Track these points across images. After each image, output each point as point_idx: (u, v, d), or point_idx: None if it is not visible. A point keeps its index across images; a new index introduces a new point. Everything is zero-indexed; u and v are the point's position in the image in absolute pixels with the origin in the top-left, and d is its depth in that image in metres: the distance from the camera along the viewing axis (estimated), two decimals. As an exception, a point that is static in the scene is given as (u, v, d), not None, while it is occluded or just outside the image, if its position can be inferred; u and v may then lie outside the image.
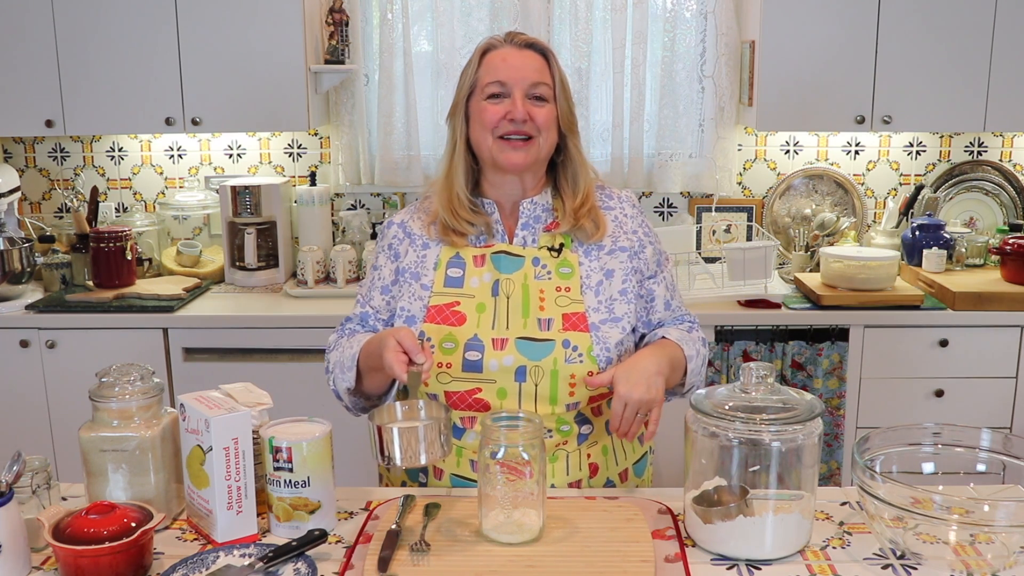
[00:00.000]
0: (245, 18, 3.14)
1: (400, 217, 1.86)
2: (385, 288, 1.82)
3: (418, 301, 1.75)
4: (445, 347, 1.70)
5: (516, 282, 1.73)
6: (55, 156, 3.61)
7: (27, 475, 1.51)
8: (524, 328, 1.70)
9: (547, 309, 1.71)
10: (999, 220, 3.55)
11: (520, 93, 1.70)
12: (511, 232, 1.79)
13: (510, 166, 1.72)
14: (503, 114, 1.70)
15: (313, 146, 3.59)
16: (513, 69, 1.71)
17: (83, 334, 3.04)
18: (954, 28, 3.12)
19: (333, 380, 1.77)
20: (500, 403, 1.68)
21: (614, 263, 1.78)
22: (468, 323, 1.71)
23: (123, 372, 1.57)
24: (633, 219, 1.84)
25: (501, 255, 1.76)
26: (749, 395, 1.49)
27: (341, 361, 1.73)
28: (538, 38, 1.78)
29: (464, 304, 1.73)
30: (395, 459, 1.47)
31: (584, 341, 1.69)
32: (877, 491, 1.43)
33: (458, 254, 1.77)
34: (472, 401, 1.69)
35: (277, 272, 3.41)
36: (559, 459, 1.73)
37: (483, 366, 1.68)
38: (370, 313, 1.82)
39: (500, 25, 3.37)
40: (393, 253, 1.82)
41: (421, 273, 1.78)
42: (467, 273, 1.75)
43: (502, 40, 1.75)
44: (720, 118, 3.45)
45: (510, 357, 1.68)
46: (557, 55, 1.81)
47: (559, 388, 1.68)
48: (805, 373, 3.08)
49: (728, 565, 1.44)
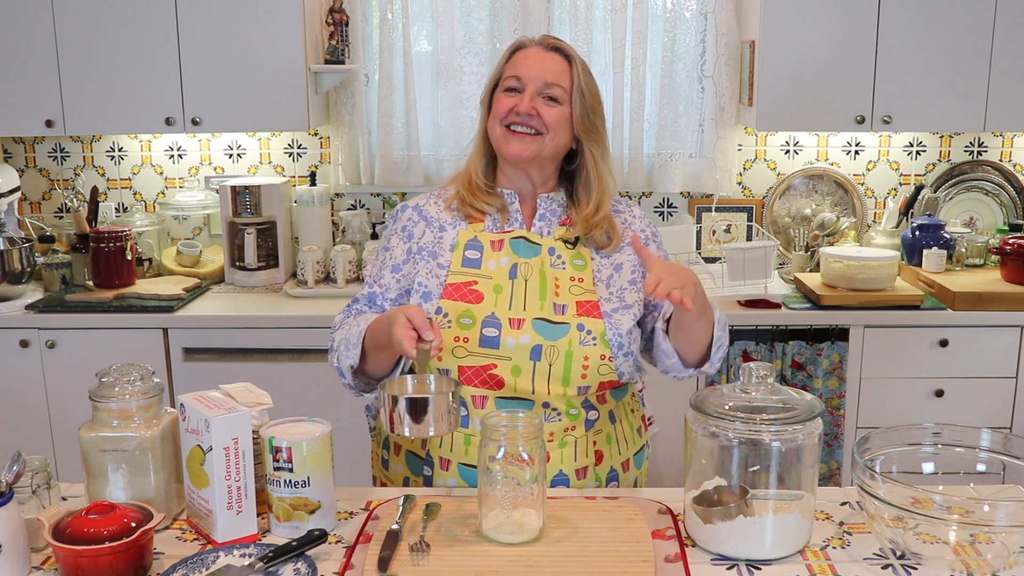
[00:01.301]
0: (245, 18, 3.14)
1: (415, 201, 1.89)
2: (396, 267, 1.83)
3: (435, 278, 1.78)
4: (463, 322, 1.72)
5: (534, 267, 1.77)
6: (55, 156, 3.61)
7: (27, 475, 1.51)
8: (541, 310, 1.73)
9: (562, 296, 1.75)
10: (999, 220, 3.55)
11: (532, 90, 1.75)
12: (529, 221, 1.83)
13: (510, 155, 1.77)
14: (512, 106, 1.76)
15: (313, 146, 3.59)
16: (531, 67, 1.76)
17: (83, 334, 3.04)
18: (954, 28, 3.12)
19: (337, 358, 1.77)
20: (514, 380, 1.70)
21: (622, 257, 1.83)
22: (486, 302, 1.73)
23: (123, 372, 1.57)
24: (640, 219, 1.91)
25: (520, 240, 1.80)
26: (749, 395, 1.49)
27: (347, 338, 1.73)
28: (569, 47, 1.81)
29: (482, 284, 1.75)
30: (404, 429, 1.49)
31: (597, 326, 1.72)
32: (877, 491, 1.43)
33: (476, 237, 1.80)
34: (487, 377, 1.71)
35: (277, 272, 3.41)
36: (567, 444, 1.75)
37: (500, 343, 1.70)
38: (378, 293, 1.83)
39: (500, 25, 3.37)
40: (407, 234, 1.84)
41: (438, 252, 1.80)
42: (485, 256, 1.78)
43: (533, 41, 1.81)
44: (720, 118, 3.45)
45: (527, 336, 1.70)
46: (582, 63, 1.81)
47: (573, 369, 1.71)
48: (805, 373, 3.08)
49: (728, 565, 1.44)
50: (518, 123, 1.75)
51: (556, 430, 1.74)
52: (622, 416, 1.84)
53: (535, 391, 1.70)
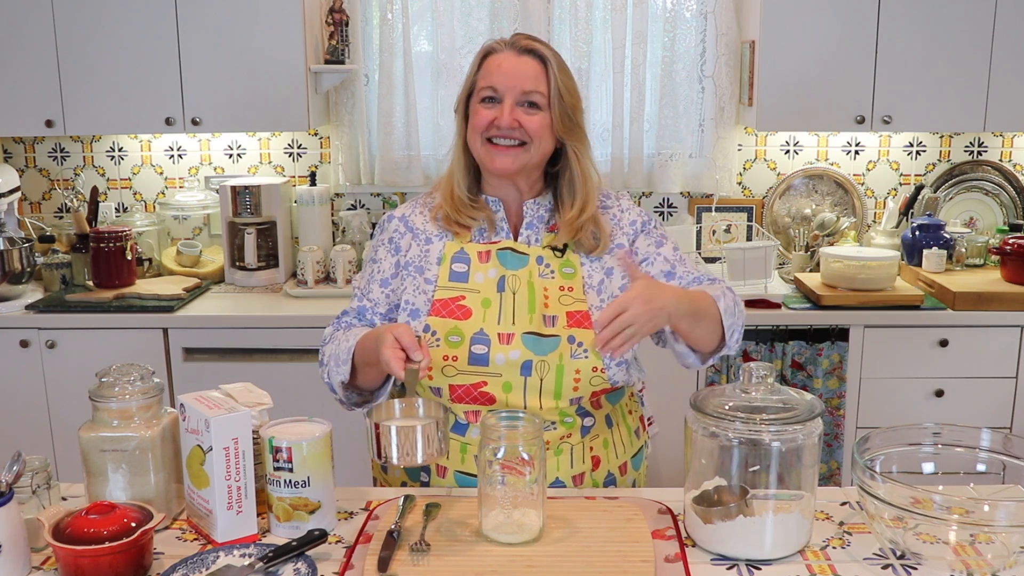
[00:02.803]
0: (245, 18, 3.14)
1: (401, 211, 1.86)
2: (385, 281, 1.81)
3: (422, 295, 1.76)
4: (451, 340, 1.70)
5: (522, 279, 1.74)
6: (55, 156, 3.61)
7: (27, 475, 1.51)
8: (530, 324, 1.70)
9: (551, 307, 1.72)
10: (999, 220, 3.55)
11: (511, 100, 1.71)
12: (516, 230, 1.80)
13: (495, 170, 1.73)
14: (491, 119, 1.71)
15: (313, 146, 3.59)
16: (506, 76, 1.71)
17: (83, 334, 3.04)
18: (954, 28, 3.12)
19: (327, 373, 1.76)
20: (505, 397, 1.69)
21: (613, 261, 1.79)
22: (474, 317, 1.71)
23: (123, 372, 1.56)
24: (628, 212, 1.85)
25: (507, 252, 1.77)
26: (749, 395, 1.49)
27: (336, 354, 1.73)
28: (542, 43, 1.76)
29: (469, 299, 1.73)
30: (392, 458, 1.47)
31: (588, 337, 1.70)
32: (877, 491, 1.43)
33: (463, 249, 1.77)
34: (477, 394, 1.70)
35: (277, 272, 3.41)
36: (563, 452, 1.74)
37: (489, 360, 1.68)
38: (368, 307, 1.82)
39: (500, 25, 3.37)
40: (394, 247, 1.82)
41: (425, 267, 1.78)
42: (472, 268, 1.76)
43: (504, 44, 1.75)
44: (720, 118, 3.45)
45: (516, 351, 1.68)
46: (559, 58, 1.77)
47: (564, 383, 1.69)
48: (805, 373, 3.08)
49: (728, 565, 1.44)
50: (500, 136, 1.71)
51: (552, 438, 1.73)
52: (619, 419, 1.84)
53: (527, 406, 1.69)
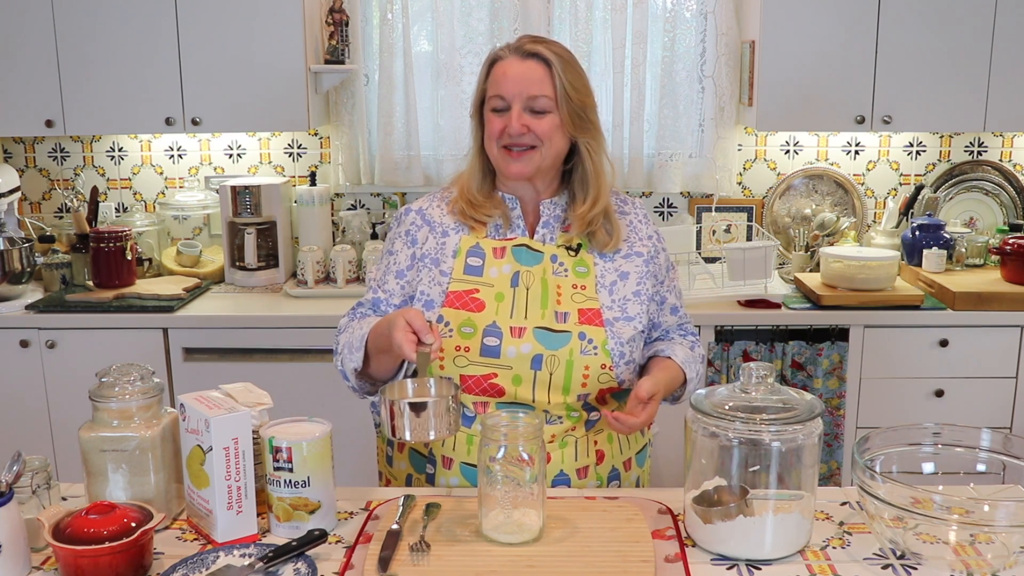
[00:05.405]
0: (245, 18, 3.14)
1: (419, 204, 1.88)
2: (400, 272, 1.83)
3: (437, 286, 1.78)
4: (464, 331, 1.72)
5: (536, 275, 1.77)
6: (55, 156, 3.61)
7: (27, 475, 1.51)
8: (542, 319, 1.73)
9: (564, 304, 1.75)
10: (999, 220, 3.55)
11: (518, 107, 1.73)
12: (532, 228, 1.83)
13: (511, 176, 1.77)
14: (503, 127, 1.74)
15: (313, 146, 3.59)
16: (512, 83, 1.73)
17: (83, 334, 3.04)
18: (954, 28, 3.12)
19: (341, 361, 1.78)
20: (515, 389, 1.71)
21: (629, 266, 1.82)
22: (487, 310, 1.73)
23: (123, 372, 1.57)
24: (647, 225, 1.90)
25: (522, 248, 1.80)
26: (749, 395, 1.49)
27: (350, 342, 1.74)
28: (547, 43, 1.76)
29: (483, 292, 1.75)
30: (405, 433, 1.49)
31: (599, 335, 1.73)
32: (877, 491, 1.43)
33: (478, 244, 1.80)
34: (487, 386, 1.72)
35: (277, 272, 3.41)
36: (568, 445, 1.76)
37: (501, 352, 1.70)
38: (382, 299, 1.83)
39: (500, 25, 3.37)
40: (411, 239, 1.84)
41: (440, 259, 1.80)
42: (487, 263, 1.78)
43: (508, 50, 1.77)
44: (720, 118, 3.45)
45: (528, 345, 1.71)
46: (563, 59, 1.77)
47: (573, 378, 1.71)
48: (805, 373, 3.08)
49: (728, 565, 1.44)
50: (512, 144, 1.74)
51: (557, 432, 1.75)
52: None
53: (535, 400, 1.71)
